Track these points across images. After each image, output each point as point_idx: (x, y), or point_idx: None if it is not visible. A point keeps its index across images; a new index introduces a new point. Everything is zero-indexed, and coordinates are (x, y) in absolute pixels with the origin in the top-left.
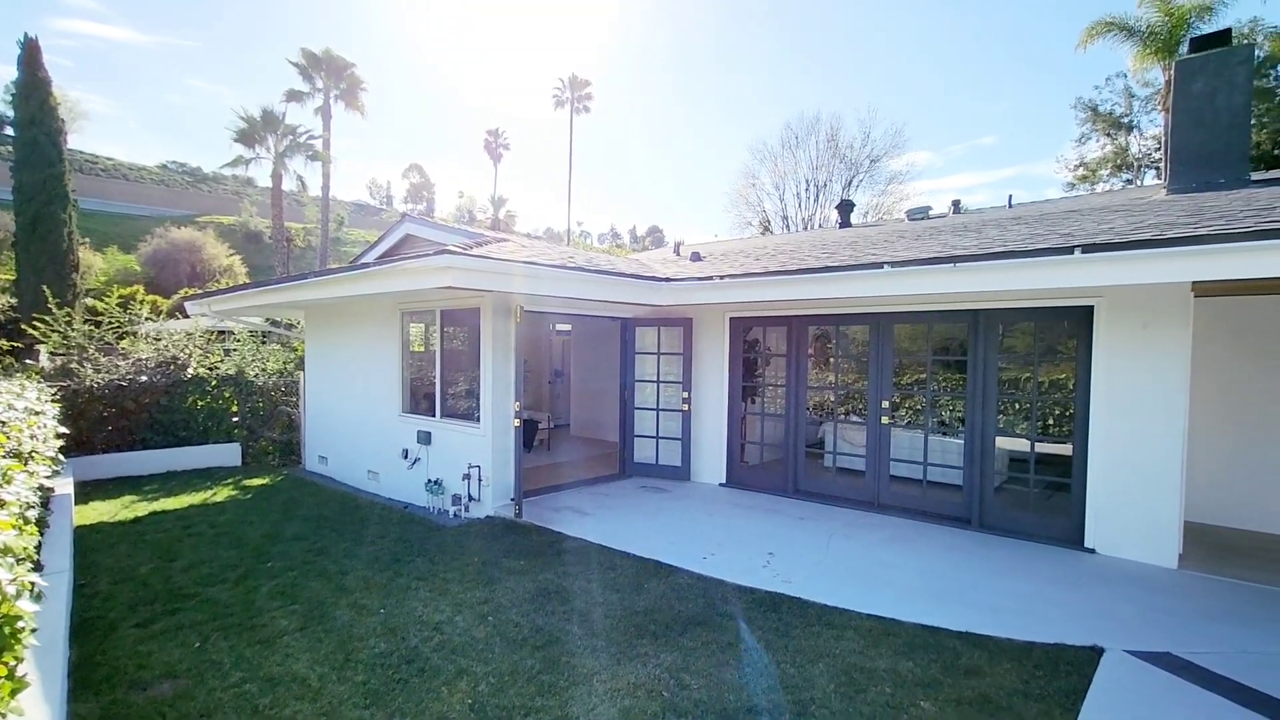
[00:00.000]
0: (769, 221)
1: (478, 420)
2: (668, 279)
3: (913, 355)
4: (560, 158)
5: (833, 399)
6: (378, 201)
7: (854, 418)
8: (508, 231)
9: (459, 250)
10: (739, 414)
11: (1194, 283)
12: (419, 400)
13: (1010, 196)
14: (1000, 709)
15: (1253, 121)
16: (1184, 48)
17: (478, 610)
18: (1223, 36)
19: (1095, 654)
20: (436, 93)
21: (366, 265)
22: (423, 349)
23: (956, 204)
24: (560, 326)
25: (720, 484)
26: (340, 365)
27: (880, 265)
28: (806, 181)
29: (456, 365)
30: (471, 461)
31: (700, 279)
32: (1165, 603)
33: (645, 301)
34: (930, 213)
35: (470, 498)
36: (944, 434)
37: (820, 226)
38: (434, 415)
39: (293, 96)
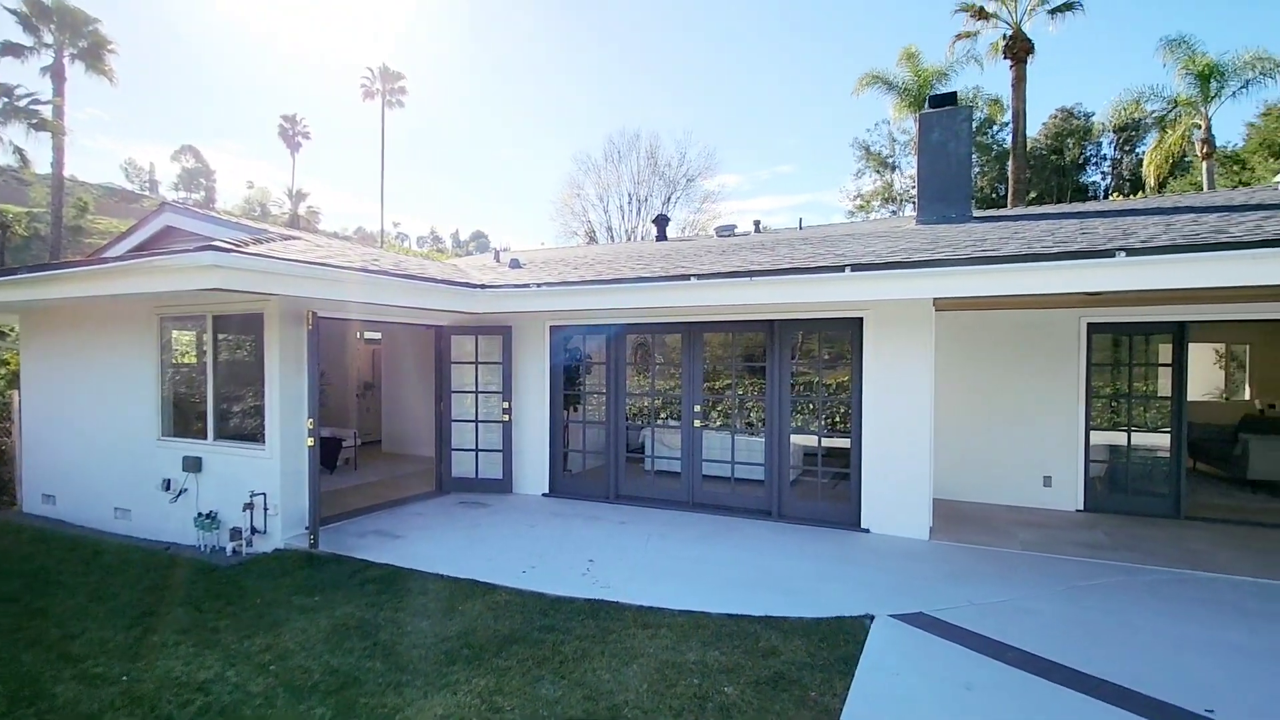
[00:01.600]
0: (594, 232)
1: (263, 441)
2: (484, 285)
3: (722, 362)
4: (372, 154)
5: (651, 405)
6: (137, 186)
7: (671, 422)
8: (309, 230)
9: (229, 247)
10: (561, 423)
11: (935, 298)
12: (187, 421)
13: (800, 220)
14: (792, 683)
15: (977, 169)
16: (927, 104)
17: (256, 660)
18: (951, 98)
19: (867, 621)
20: (219, 67)
21: (108, 260)
22: (195, 360)
23: (758, 224)
24: (370, 335)
25: (544, 494)
26: (74, 382)
27: (688, 277)
28: (629, 195)
29: (236, 379)
30: (255, 489)
31: (517, 286)
32: (923, 570)
33: (461, 309)
34: (736, 230)
35: (253, 530)
36: (750, 434)
37: (643, 239)
38: (206, 438)
39: (9, 50)
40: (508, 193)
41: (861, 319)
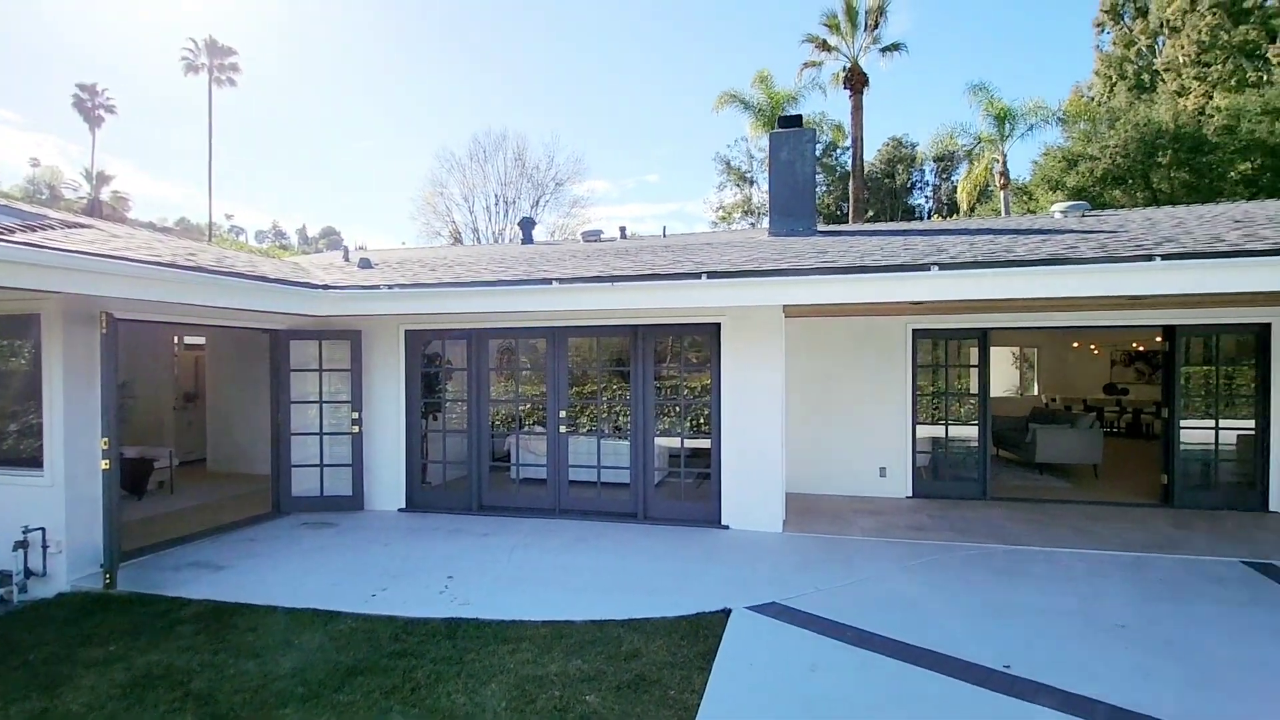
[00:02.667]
0: (459, 233)
1: (40, 466)
2: (328, 286)
3: (588, 366)
4: (198, 137)
5: (517, 411)
6: None
7: (537, 428)
8: (115, 219)
9: None
10: (420, 432)
11: (784, 305)
12: None
13: (664, 228)
14: (653, 684)
15: (823, 188)
16: (776, 125)
17: None
18: (797, 120)
19: (725, 615)
20: None
21: None
22: None
23: (623, 230)
24: (192, 339)
25: (400, 510)
26: None
27: (549, 281)
28: (496, 196)
29: (8, 392)
30: (29, 524)
31: (366, 288)
32: (776, 562)
33: (301, 311)
34: (602, 236)
35: (28, 573)
36: (617, 438)
37: (511, 241)
38: None
39: None
40: (365, 188)
41: (720, 324)
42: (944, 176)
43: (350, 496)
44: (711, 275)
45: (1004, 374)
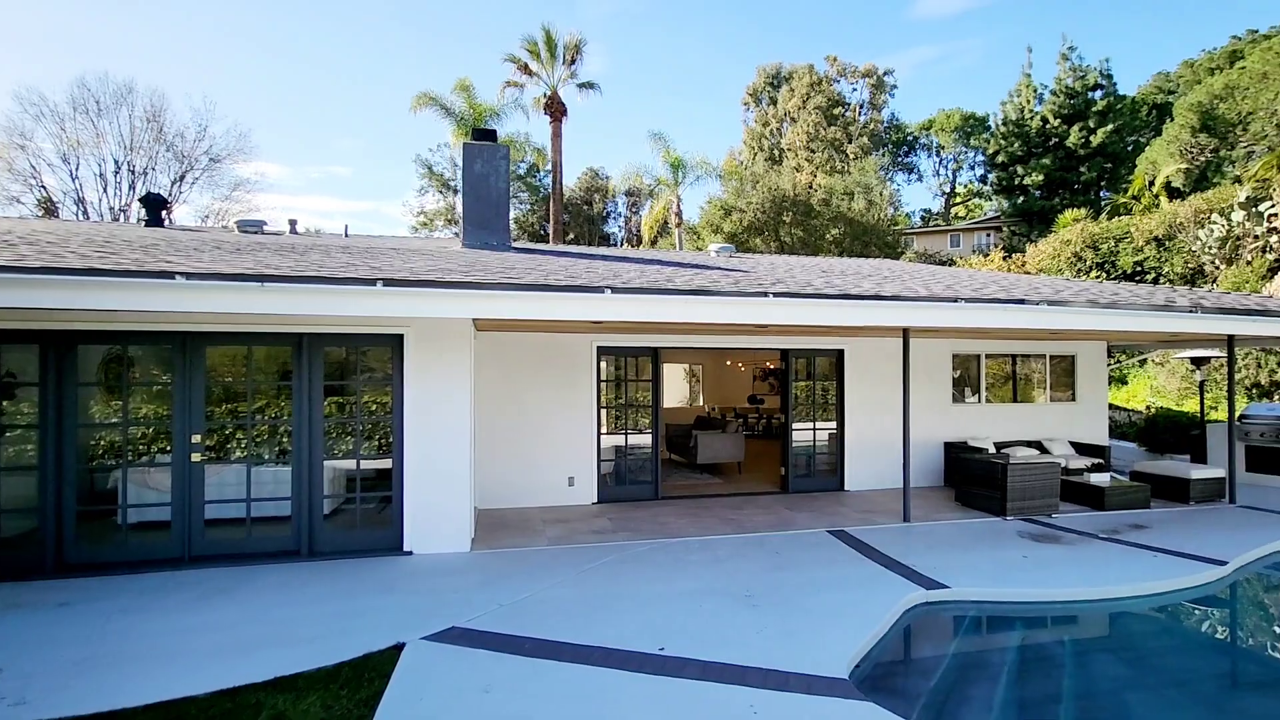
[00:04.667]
0: (53, 202)
1: None
2: None
3: (235, 381)
4: None
5: (129, 437)
6: None
7: (161, 457)
8: None
9: None
10: None
11: (475, 318)
12: None
13: (346, 227)
14: None
15: (527, 206)
16: (470, 137)
17: None
18: (491, 135)
19: (397, 650)
20: None
21: None
22: None
23: (294, 223)
24: None
25: None
26: None
27: (172, 275)
28: (119, 163)
29: None
30: None
31: None
32: (458, 583)
33: None
34: (265, 228)
35: None
36: (277, 464)
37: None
38: None
39: None
40: None
41: (403, 335)
42: (633, 210)
43: None
44: (389, 283)
45: (677, 387)
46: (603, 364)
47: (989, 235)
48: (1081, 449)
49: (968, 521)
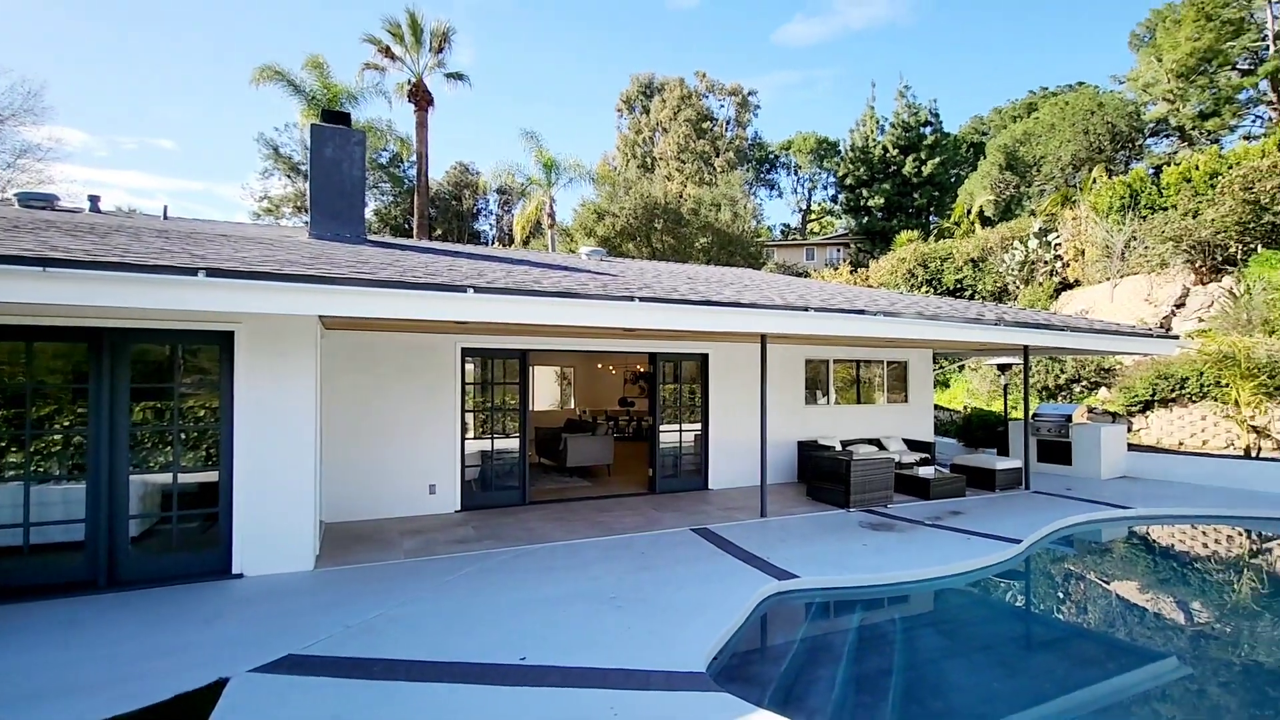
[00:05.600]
0: None
1: None
2: None
3: (13, 383)
4: None
5: None
6: None
7: None
8: None
9: None
10: None
11: (322, 315)
12: None
13: (166, 208)
14: None
15: (390, 198)
16: (320, 118)
17: None
18: (345, 118)
19: (219, 687)
20: None
21: None
22: None
23: (95, 200)
24: None
25: None
26: None
27: None
28: None
29: None
30: None
31: None
32: (298, 606)
33: None
34: (57, 203)
35: None
36: (69, 480)
37: None
38: None
39: None
40: None
41: (233, 333)
42: (505, 208)
43: None
44: (214, 274)
45: (548, 390)
46: (468, 366)
47: (839, 250)
48: (912, 445)
49: (817, 514)
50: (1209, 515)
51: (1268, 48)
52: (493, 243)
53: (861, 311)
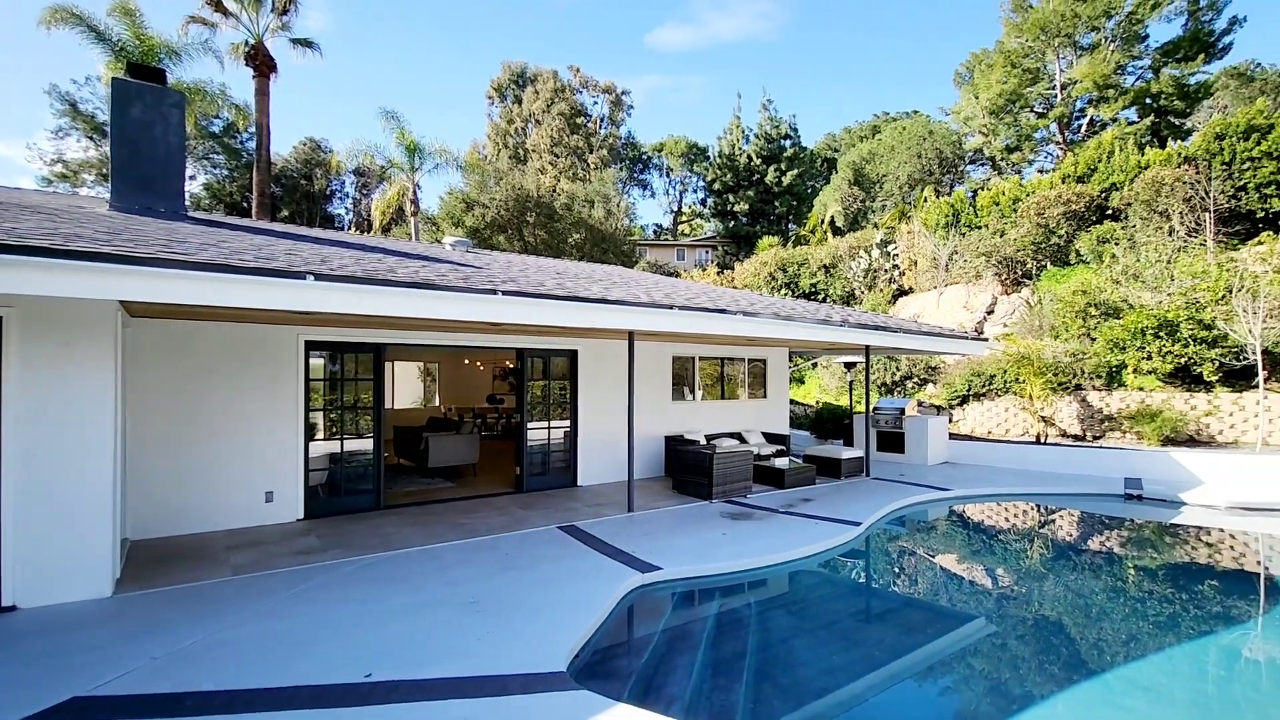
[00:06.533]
0: None
1: None
2: None
3: None
4: None
5: None
6: None
7: None
8: None
9: None
10: None
11: (123, 301)
12: None
13: None
14: None
15: (224, 172)
16: (126, 72)
17: None
18: (159, 74)
19: None
20: None
21: None
22: None
23: None
24: None
25: None
26: None
27: None
28: None
29: None
30: None
31: None
32: (91, 640)
33: None
34: None
35: None
36: None
37: None
38: None
39: None
40: None
41: (0, 318)
42: (363, 192)
43: None
44: None
45: (411, 387)
46: (315, 361)
47: (708, 252)
48: (770, 438)
49: (682, 507)
50: (1009, 494)
51: (1056, 95)
52: (349, 228)
53: (724, 311)
